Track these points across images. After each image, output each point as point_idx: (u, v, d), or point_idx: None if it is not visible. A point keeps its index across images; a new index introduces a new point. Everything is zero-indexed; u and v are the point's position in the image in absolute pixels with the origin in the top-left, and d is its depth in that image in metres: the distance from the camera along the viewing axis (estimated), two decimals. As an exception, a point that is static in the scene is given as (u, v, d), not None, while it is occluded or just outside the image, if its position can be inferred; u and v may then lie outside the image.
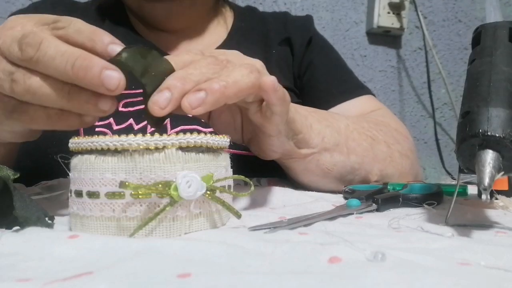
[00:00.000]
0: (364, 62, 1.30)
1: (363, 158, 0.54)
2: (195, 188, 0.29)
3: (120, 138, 0.29)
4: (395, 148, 0.59)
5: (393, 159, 0.57)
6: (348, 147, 0.53)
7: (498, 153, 0.31)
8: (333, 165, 0.52)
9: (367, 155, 0.54)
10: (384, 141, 0.58)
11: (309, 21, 0.80)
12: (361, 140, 0.55)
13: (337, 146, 0.52)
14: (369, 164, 0.55)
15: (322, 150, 0.51)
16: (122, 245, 0.26)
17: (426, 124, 1.36)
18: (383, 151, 0.57)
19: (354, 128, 0.56)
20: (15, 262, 0.23)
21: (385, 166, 0.56)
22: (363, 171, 0.54)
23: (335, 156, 0.52)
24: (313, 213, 0.36)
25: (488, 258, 0.25)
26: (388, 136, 0.59)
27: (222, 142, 0.33)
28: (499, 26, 0.38)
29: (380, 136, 0.58)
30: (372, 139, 0.56)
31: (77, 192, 0.30)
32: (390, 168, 0.57)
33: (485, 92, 0.33)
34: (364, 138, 0.55)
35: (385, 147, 0.57)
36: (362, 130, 0.56)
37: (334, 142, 0.52)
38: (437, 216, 0.37)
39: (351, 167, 0.53)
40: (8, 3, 1.01)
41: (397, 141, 0.60)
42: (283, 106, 0.40)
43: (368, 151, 0.55)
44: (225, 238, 0.28)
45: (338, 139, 0.52)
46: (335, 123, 0.54)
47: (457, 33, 1.38)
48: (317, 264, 0.23)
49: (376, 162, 0.55)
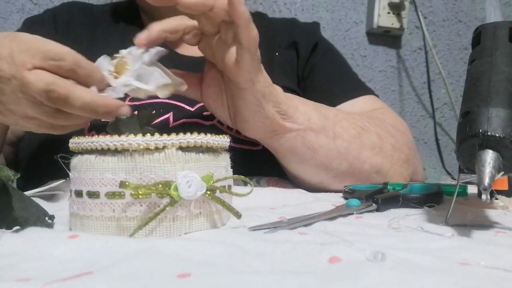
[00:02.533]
0: (364, 62, 1.30)
1: (349, 144, 0.54)
2: (195, 188, 0.29)
3: (120, 138, 0.29)
4: (388, 140, 0.59)
5: (383, 149, 0.57)
6: (335, 132, 0.53)
7: (498, 153, 0.31)
8: (319, 146, 0.52)
9: (354, 141, 0.55)
10: (376, 132, 0.58)
11: (316, 27, 0.83)
12: (350, 128, 0.55)
13: (323, 129, 0.52)
14: (356, 150, 0.54)
15: (308, 129, 0.51)
16: (122, 245, 0.26)
17: (426, 124, 1.36)
18: (372, 141, 0.57)
19: (344, 117, 0.56)
20: (15, 262, 0.23)
21: (373, 154, 0.56)
22: (350, 156, 0.54)
23: (320, 138, 0.52)
24: (313, 213, 0.36)
25: (488, 258, 0.25)
26: (381, 129, 0.60)
27: (222, 142, 0.33)
28: (499, 26, 0.38)
29: (371, 127, 0.58)
30: (361, 129, 0.56)
31: (77, 192, 0.30)
32: (379, 157, 0.56)
33: (485, 92, 0.33)
34: (353, 127, 0.56)
35: (375, 137, 0.57)
36: (352, 120, 0.57)
37: (321, 125, 0.52)
38: (437, 216, 0.37)
39: (337, 151, 0.53)
40: (8, 3, 1.01)
41: (391, 135, 0.60)
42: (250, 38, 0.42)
43: (355, 138, 0.55)
44: (225, 238, 0.28)
45: (325, 123, 0.53)
46: (323, 109, 0.55)
47: (457, 33, 1.38)
48: (317, 264, 0.23)
49: (364, 149, 0.55)
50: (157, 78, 0.43)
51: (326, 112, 0.55)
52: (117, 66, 0.43)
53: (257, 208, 0.41)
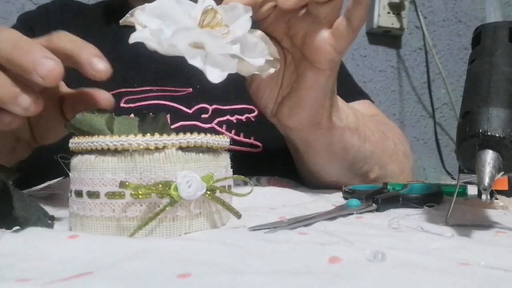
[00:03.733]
0: (364, 62, 1.30)
1: (374, 149, 0.54)
2: (195, 188, 0.29)
3: (120, 138, 0.29)
4: (400, 148, 0.60)
5: (398, 157, 0.58)
6: (365, 134, 0.53)
7: (498, 153, 0.31)
8: (352, 146, 0.52)
9: (378, 146, 0.55)
10: (392, 138, 0.59)
11: None
12: (375, 132, 0.56)
13: (357, 129, 0.52)
14: (379, 156, 0.55)
15: (346, 128, 0.50)
16: (122, 245, 0.26)
17: (426, 124, 1.36)
18: (391, 147, 0.58)
19: (368, 119, 0.56)
20: (15, 262, 0.23)
21: (391, 161, 0.57)
22: (373, 161, 0.55)
23: (354, 138, 0.51)
24: (313, 213, 0.36)
25: (488, 258, 0.25)
26: (394, 136, 0.61)
27: (222, 142, 0.33)
28: (499, 26, 0.38)
29: (388, 133, 0.59)
30: (382, 134, 0.57)
31: (77, 192, 0.30)
32: (395, 165, 0.58)
33: (485, 92, 0.33)
34: (376, 131, 0.56)
35: (392, 144, 0.58)
36: (374, 123, 0.57)
37: (355, 125, 0.52)
38: (437, 216, 0.37)
39: (364, 153, 0.53)
40: (8, 3, 1.01)
41: (401, 142, 0.62)
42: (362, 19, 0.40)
43: (379, 143, 0.55)
44: (225, 238, 0.28)
45: (358, 123, 0.52)
46: (353, 108, 0.54)
47: (457, 33, 1.38)
48: (317, 264, 0.23)
49: (384, 156, 0.56)
50: (262, 50, 0.33)
51: (356, 112, 0.54)
52: (206, 15, 0.30)
53: (257, 208, 0.40)
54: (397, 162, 0.58)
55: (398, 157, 0.59)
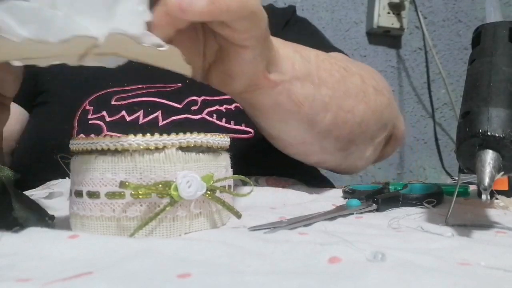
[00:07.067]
0: (364, 62, 1.30)
1: (334, 91, 0.48)
2: (195, 188, 0.29)
3: (120, 138, 0.29)
4: (370, 83, 0.53)
5: (366, 94, 0.52)
6: (320, 77, 0.47)
7: (498, 153, 0.31)
8: (305, 98, 0.45)
9: (338, 87, 0.49)
10: (358, 73, 0.52)
11: (289, 9, 0.80)
12: (333, 71, 0.49)
13: (308, 75, 0.46)
14: (340, 98, 0.49)
15: (293, 79, 0.44)
16: (122, 245, 0.26)
17: (426, 124, 1.36)
18: (356, 84, 0.51)
19: (325, 57, 0.50)
20: (15, 262, 0.23)
21: (357, 102, 0.50)
22: (334, 106, 0.48)
23: (306, 87, 0.45)
24: (313, 213, 0.36)
25: (488, 258, 0.25)
26: (363, 71, 0.54)
27: (222, 142, 0.33)
28: (499, 26, 0.38)
29: (353, 68, 0.53)
30: (344, 70, 0.50)
31: (77, 192, 0.30)
32: (362, 104, 0.51)
33: (485, 92, 0.33)
34: (336, 69, 0.49)
35: (358, 80, 0.52)
36: (333, 60, 0.51)
37: (306, 71, 0.45)
38: (437, 216, 0.37)
39: (321, 101, 0.47)
40: None
41: (372, 77, 0.55)
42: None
43: (340, 83, 0.49)
44: (225, 238, 0.28)
45: (309, 68, 0.46)
46: (303, 51, 0.48)
47: (457, 33, 1.38)
48: (317, 264, 0.23)
49: (348, 97, 0.49)
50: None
51: (307, 54, 0.47)
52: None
53: (257, 208, 0.41)
54: (365, 100, 0.51)
55: (367, 94, 0.51)
